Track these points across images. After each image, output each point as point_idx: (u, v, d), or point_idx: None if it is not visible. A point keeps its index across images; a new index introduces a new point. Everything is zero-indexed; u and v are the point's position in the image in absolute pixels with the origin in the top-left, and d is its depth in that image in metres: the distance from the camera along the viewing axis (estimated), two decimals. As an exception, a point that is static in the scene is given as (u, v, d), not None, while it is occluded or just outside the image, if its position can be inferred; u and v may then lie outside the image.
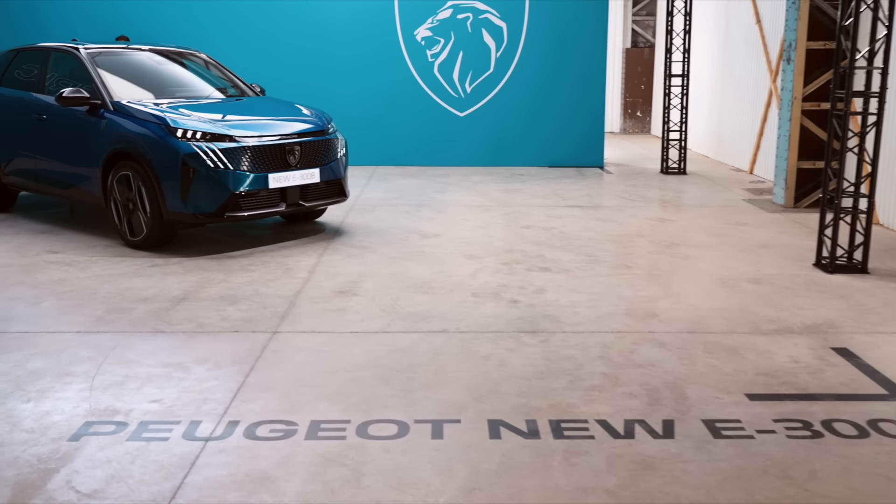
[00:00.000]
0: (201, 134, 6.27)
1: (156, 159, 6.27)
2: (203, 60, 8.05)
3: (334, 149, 7.01)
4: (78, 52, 7.19)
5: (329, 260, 6.30)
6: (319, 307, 5.13)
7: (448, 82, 11.36)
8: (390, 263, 6.20)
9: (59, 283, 5.62)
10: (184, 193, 6.20)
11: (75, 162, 6.99)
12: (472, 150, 11.52)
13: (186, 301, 5.22)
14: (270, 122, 6.73)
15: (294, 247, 6.72)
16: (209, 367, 4.14)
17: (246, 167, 6.31)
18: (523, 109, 11.42)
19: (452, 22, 11.16)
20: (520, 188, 9.73)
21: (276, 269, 6.03)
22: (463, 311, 5.06)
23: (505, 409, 3.67)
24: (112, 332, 4.65)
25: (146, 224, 6.43)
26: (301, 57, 11.18)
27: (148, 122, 6.39)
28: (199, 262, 6.18)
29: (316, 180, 6.75)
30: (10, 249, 6.54)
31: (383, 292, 5.45)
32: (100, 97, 6.75)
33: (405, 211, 8.28)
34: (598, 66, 11.36)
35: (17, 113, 7.51)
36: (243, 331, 4.69)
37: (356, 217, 7.95)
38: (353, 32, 11.20)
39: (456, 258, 6.38)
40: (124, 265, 6.09)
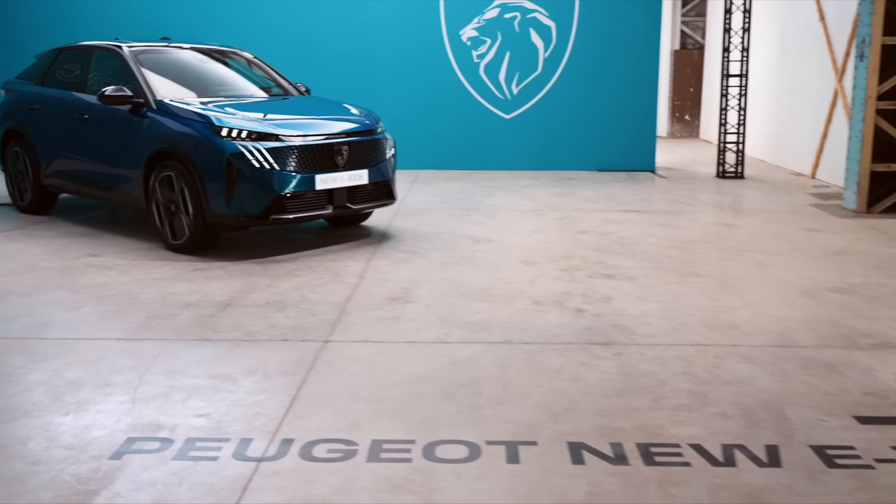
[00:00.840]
0: (247, 133, 6.00)
1: (199, 159, 6.01)
2: (246, 59, 7.81)
3: (383, 149, 6.70)
4: (121, 50, 6.98)
5: (378, 265, 5.99)
6: (372, 315, 4.81)
7: (494, 84, 11.03)
8: (443, 269, 5.87)
9: (98, 287, 5.37)
10: (228, 195, 5.93)
11: (117, 162, 6.77)
12: (519, 153, 11.17)
13: (231, 307, 4.94)
14: (317, 121, 6.45)
15: (340, 251, 6.42)
16: (258, 379, 3.83)
17: (292, 167, 6.03)
18: (572, 111, 11.05)
19: (499, 21, 10.83)
20: (570, 192, 9.36)
21: (323, 274, 5.73)
22: (526, 321, 4.71)
23: (585, 429, 3.31)
24: (154, 339, 4.38)
25: (189, 226, 6.18)
26: (344, 58, 10.93)
27: (192, 120, 6.14)
28: (243, 267, 5.90)
29: (364, 182, 6.45)
30: (50, 252, 6.33)
31: (438, 299, 5.12)
32: (143, 96, 6.52)
33: (453, 215, 7.95)
34: (650, 67, 10.96)
35: (59, 113, 7.32)
36: (292, 339, 4.39)
37: (403, 221, 7.64)
38: (397, 33, 10.93)
39: (512, 264, 6.03)
40: (166, 269, 5.83)
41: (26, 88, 7.82)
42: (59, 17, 10.97)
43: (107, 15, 10.96)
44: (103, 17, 10.92)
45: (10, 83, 8.18)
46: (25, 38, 10.64)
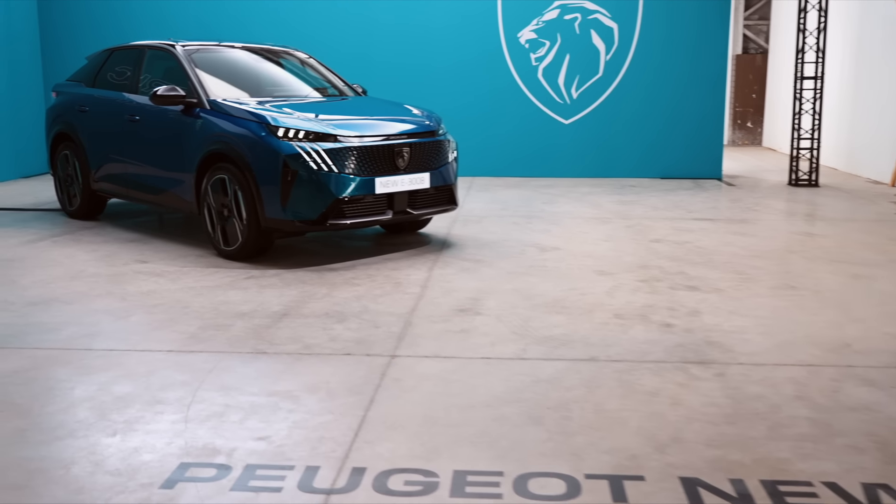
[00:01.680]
0: (304, 133, 5.68)
1: (254, 161, 5.70)
2: (300, 59, 7.51)
3: (445, 152, 6.34)
4: (174, 48, 6.73)
5: (441, 274, 5.61)
6: (439, 327, 4.43)
7: (553, 88, 10.61)
8: (511, 279, 5.47)
9: (148, 295, 5.08)
10: (284, 198, 5.61)
11: (168, 165, 6.50)
12: (578, 159, 10.72)
13: (288, 317, 4.60)
14: (377, 121, 6.10)
15: (400, 259, 6.06)
16: (322, 398, 3.47)
17: (351, 170, 5.69)
18: (634, 116, 10.58)
19: (559, 23, 10.43)
20: (635, 200, 8.90)
21: (383, 283, 5.37)
22: (609, 336, 4.28)
23: (697, 462, 2.88)
24: (207, 351, 4.04)
25: (242, 232, 5.87)
26: (398, 61, 10.61)
27: (246, 120, 5.84)
28: (299, 275, 5.57)
29: (425, 186, 6.09)
30: (99, 258, 6.07)
31: (510, 311, 4.72)
32: (196, 95, 6.25)
33: (514, 223, 7.55)
34: (718, 70, 10.44)
35: (109, 115, 7.10)
36: (356, 353, 4.02)
37: (462, 228, 7.25)
38: (454, 35, 10.58)
39: (585, 274, 5.60)
40: (218, 276, 5.52)
41: (77, 90, 7.63)
42: (113, 18, 10.84)
43: (160, 15, 10.80)
44: (156, 18, 10.76)
45: (60, 85, 8.01)
46: (79, 40, 10.51)
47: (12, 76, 10.52)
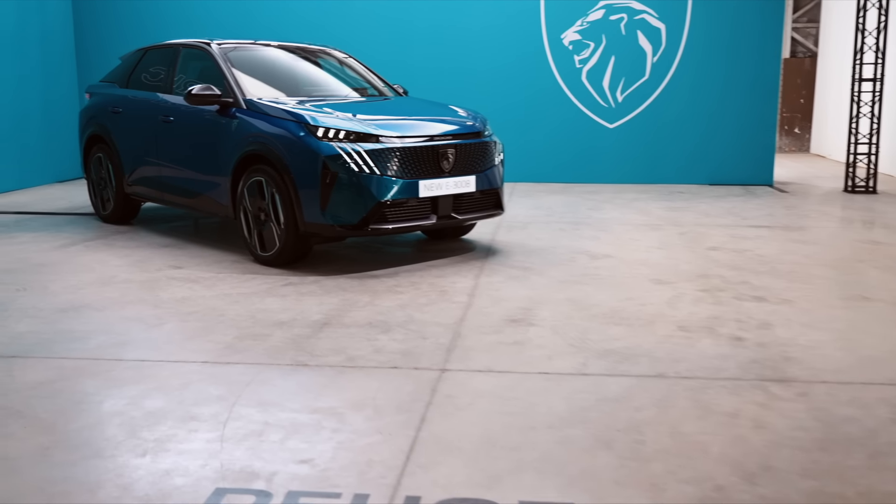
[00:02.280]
0: (345, 133, 5.43)
1: (292, 162, 5.46)
2: (338, 58, 7.27)
3: (491, 154, 6.04)
4: (209, 47, 6.52)
5: (488, 282, 5.31)
6: (491, 339, 4.13)
7: (597, 91, 10.28)
8: (563, 288, 5.15)
9: (182, 302, 4.84)
10: (323, 202, 5.35)
11: (203, 168, 6.29)
12: (623, 165, 10.36)
13: (329, 327, 4.32)
14: (420, 122, 5.82)
15: (444, 266, 5.77)
16: (368, 415, 3.18)
17: (394, 172, 5.42)
18: (682, 120, 10.21)
19: (604, 24, 10.10)
20: (685, 206, 8.53)
21: (428, 291, 5.08)
22: (676, 350, 3.95)
23: (795, 496, 2.54)
24: (245, 363, 3.78)
25: (279, 237, 5.62)
26: (436, 63, 10.35)
27: (284, 120, 5.60)
28: (339, 282, 5.30)
29: (471, 189, 5.80)
30: (132, 264, 5.86)
31: (565, 322, 4.41)
32: (232, 95, 6.03)
33: (561, 229, 7.23)
34: (770, 73, 10.03)
35: (143, 116, 6.91)
36: (403, 367, 3.73)
37: (507, 235, 6.95)
38: (494, 37, 10.29)
39: (641, 283, 5.27)
40: (255, 283, 5.28)
41: (110, 91, 7.46)
42: (147, 19, 10.71)
43: (195, 15, 10.66)
44: (192, 18, 10.61)
45: (94, 86, 7.85)
46: (114, 41, 10.39)
47: (47, 78, 10.43)
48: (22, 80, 9.91)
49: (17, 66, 9.80)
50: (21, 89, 9.90)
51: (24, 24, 9.95)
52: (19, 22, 9.84)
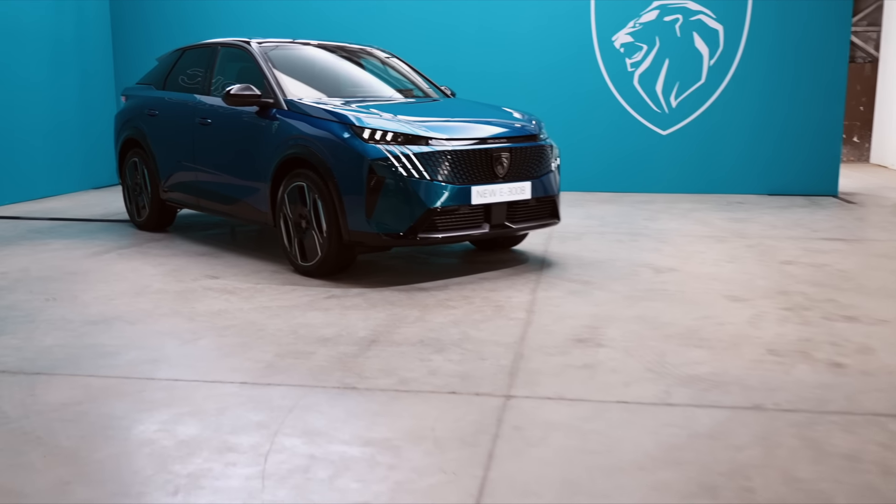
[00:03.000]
0: (392, 135, 5.06)
1: (336, 166, 5.10)
2: (381, 58, 6.92)
3: (547, 159, 5.64)
4: (249, 46, 6.21)
5: (547, 297, 4.89)
6: (558, 361, 3.71)
7: (650, 95, 9.82)
8: (630, 304, 4.72)
9: (219, 315, 4.49)
10: (369, 208, 4.99)
11: (241, 172, 5.96)
12: (677, 173, 9.88)
13: (378, 345, 3.94)
14: (472, 124, 5.44)
15: (496, 279, 5.37)
16: (428, 450, 2.79)
17: (444, 177, 5.03)
18: (740, 127, 9.70)
19: (658, 25, 9.65)
20: (747, 217, 8.03)
21: (482, 306, 4.68)
22: (769, 377, 3.50)
23: (953, 565, 2.10)
24: (287, 385, 3.41)
25: (321, 246, 5.26)
26: (481, 65, 9.97)
27: (328, 121, 5.26)
28: (385, 295, 4.93)
29: (526, 196, 5.40)
30: (166, 273, 5.54)
31: (638, 343, 3.98)
32: (272, 95, 5.70)
33: (618, 240, 6.79)
34: (836, 78, 9.48)
35: (179, 119, 6.62)
36: (462, 392, 3.33)
37: (560, 246, 6.53)
38: (542, 39, 9.89)
39: (715, 300, 4.82)
40: (295, 295, 4.92)
41: (146, 93, 7.19)
42: (186, 21, 10.48)
43: (235, 16, 10.40)
44: (232, 19, 10.35)
45: (130, 89, 7.60)
46: (152, 43, 10.16)
47: (83, 82, 10.25)
48: (58, 84, 9.73)
49: (53, 69, 9.62)
50: (57, 93, 9.71)
51: (61, 26, 9.77)
52: (56, 24, 9.66)
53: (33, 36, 9.23)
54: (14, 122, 8.96)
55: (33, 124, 9.29)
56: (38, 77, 9.36)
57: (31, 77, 9.22)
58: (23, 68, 9.08)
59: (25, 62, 9.12)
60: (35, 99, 9.30)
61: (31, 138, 9.26)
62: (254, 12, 10.42)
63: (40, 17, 9.34)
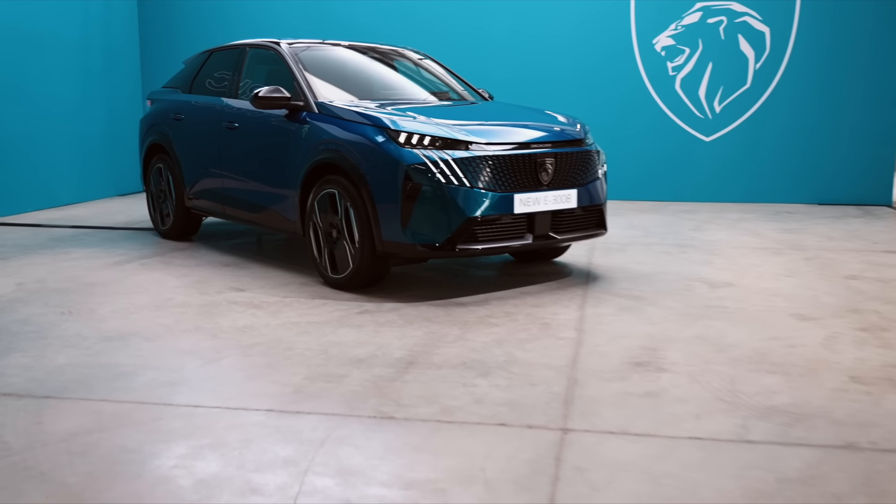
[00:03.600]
0: (430, 139, 4.73)
1: (370, 172, 4.78)
2: (414, 59, 6.60)
3: (594, 165, 5.28)
4: (279, 46, 5.92)
5: (596, 314, 4.53)
6: (616, 388, 3.35)
7: (692, 100, 9.41)
8: (688, 322, 4.34)
9: (244, 331, 4.18)
10: (404, 217, 4.66)
11: (269, 179, 5.67)
12: (721, 181, 9.46)
13: (416, 367, 3.60)
14: (514, 127, 5.09)
15: (540, 294, 5.01)
16: (479, 495, 2.44)
17: (485, 184, 4.69)
18: (787, 133, 9.26)
19: (701, 27, 9.25)
20: (799, 227, 7.60)
21: (527, 323, 4.33)
22: (858, 410, 3.11)
23: None
24: (317, 413, 3.08)
25: (353, 257, 4.94)
26: (515, 69, 9.63)
27: (361, 125, 4.94)
28: (422, 310, 4.59)
29: (572, 205, 5.04)
30: (190, 285, 5.25)
31: (703, 367, 3.60)
32: (302, 98, 5.40)
33: (665, 252, 6.40)
34: (890, 81, 8.98)
35: (206, 123, 6.35)
36: (513, 424, 2.98)
37: (604, 258, 6.16)
38: (580, 41, 9.53)
39: (781, 318, 4.42)
40: (326, 310, 4.60)
41: (172, 97, 6.93)
42: (216, 25, 10.25)
43: (266, 19, 10.15)
44: (263, 22, 10.08)
45: (156, 93, 7.34)
46: (181, 48, 9.94)
47: (110, 87, 10.05)
48: (85, 89, 9.53)
49: (80, 74, 9.43)
50: (84, 98, 9.52)
51: (89, 30, 9.58)
52: (83, 28, 9.47)
53: (60, 41, 9.03)
54: (38, 128, 8.76)
55: (58, 130, 9.09)
56: (64, 82, 9.16)
57: (56, 82, 9.02)
58: (48, 73, 8.89)
59: (51, 67, 8.93)
60: (60, 104, 9.10)
61: (55, 145, 9.06)
62: (282, 14, 10.17)
63: (67, 21, 9.14)
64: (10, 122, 8.36)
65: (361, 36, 9.36)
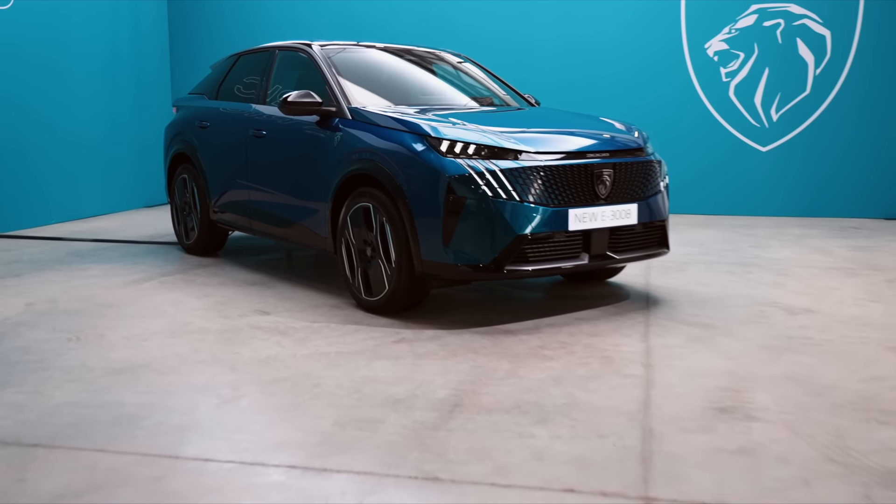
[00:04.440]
0: (475, 148, 4.25)
1: (408, 184, 4.31)
2: (453, 62, 6.13)
3: (655, 177, 4.77)
4: (310, 49, 5.49)
5: (663, 345, 4.00)
6: (702, 443, 2.82)
7: (747, 108, 8.84)
8: (772, 357, 3.80)
9: (266, 363, 3.72)
10: (447, 235, 4.17)
11: (297, 191, 5.23)
12: (779, 194, 8.87)
13: (462, 410, 3.11)
14: (567, 135, 4.59)
15: (596, 321, 4.50)
16: None
17: (537, 198, 4.20)
18: (851, 143, 8.65)
19: (756, 31, 8.68)
20: (871, 245, 7.00)
21: (586, 356, 3.82)
22: None
23: None
24: (348, 471, 2.60)
25: (389, 278, 4.47)
26: (559, 73, 9.15)
27: (398, 132, 4.48)
28: (465, 339, 4.10)
29: (632, 221, 4.53)
30: (210, 307, 4.81)
31: (801, 415, 3.06)
32: (335, 103, 4.96)
33: (728, 271, 5.85)
34: (962, 85, 8.39)
35: (232, 131, 5.93)
36: (582, 490, 2.47)
37: (663, 278, 5.63)
38: (627, 46, 9.02)
39: (879, 353, 3.86)
40: (358, 338, 4.12)
41: (198, 104, 6.54)
42: (247, 30, 9.88)
43: (297, 21, 9.77)
44: (295, 25, 9.69)
45: (181, 100, 6.96)
46: (211, 55, 9.59)
47: (139, 94, 9.74)
48: (111, 97, 9.23)
49: (106, 81, 9.12)
50: (110, 106, 9.21)
51: (117, 34, 9.26)
52: (112, 32, 9.15)
53: (87, 45, 8.72)
54: (63, 137, 8.44)
55: (83, 139, 8.77)
56: (90, 89, 8.85)
57: (81, 89, 8.71)
58: (73, 81, 8.57)
59: (76, 75, 8.61)
60: (86, 112, 8.79)
61: (80, 154, 8.73)
62: (317, 19, 9.79)
63: (93, 26, 8.84)
64: (35, 130, 8.04)
65: (397, 40, 8.92)
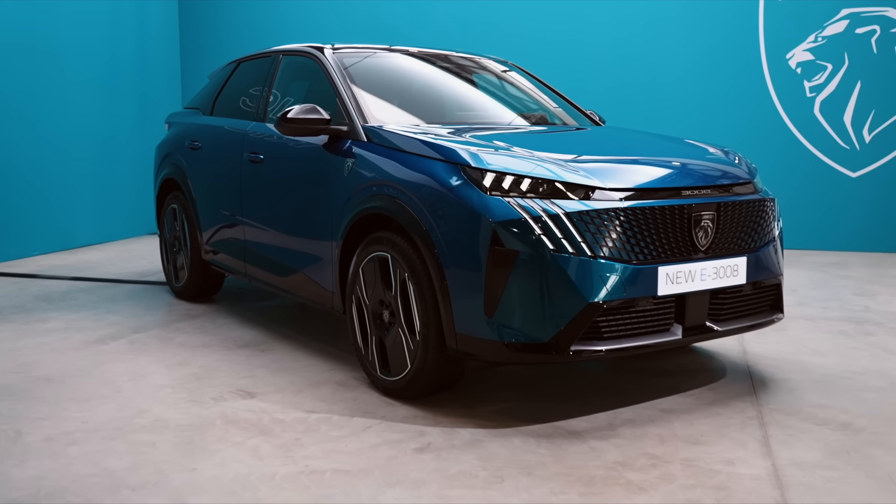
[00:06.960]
0: (530, 182, 3.12)
1: (438, 230, 3.19)
2: (496, 70, 5.01)
3: (769, 220, 3.60)
4: (321, 54, 4.40)
5: (797, 462, 2.83)
6: None
7: (835, 127, 7.65)
8: (963, 491, 2.61)
9: (230, 491, 2.60)
10: (490, 301, 3.04)
11: (299, 231, 4.14)
12: (872, 226, 7.66)
13: None
14: (650, 166, 3.45)
15: (689, 413, 3.33)
16: None
17: (615, 251, 3.05)
18: (959, 168, 7.42)
19: (847, 39, 7.50)
20: None
21: (690, 483, 2.66)
22: None
23: None
24: None
25: (412, 353, 3.34)
26: (618, 87, 8.08)
27: (427, 159, 3.37)
28: (514, 446, 2.96)
29: (740, 280, 3.37)
30: (180, 383, 3.72)
31: None
32: (347, 120, 3.88)
33: (840, 331, 4.66)
34: None
35: (226, 154, 4.88)
36: None
37: (761, 341, 4.45)
38: (696, 56, 7.92)
39: None
40: (367, 442, 3.00)
41: (191, 120, 5.50)
42: (264, 33, 8.89)
43: (315, 26, 8.77)
44: (312, 30, 8.71)
45: (174, 115, 5.95)
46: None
47: (142, 111, 8.81)
48: (111, 108, 8.30)
49: (106, 90, 8.19)
50: (109, 119, 8.27)
51: (118, 36, 8.32)
52: (112, 34, 8.21)
53: (80, 47, 7.78)
54: (51, 154, 7.48)
55: (75, 156, 7.82)
56: (84, 98, 7.90)
57: (73, 98, 7.76)
58: (65, 88, 7.62)
59: (69, 80, 7.67)
60: (78, 125, 7.84)
61: (71, 173, 7.78)
62: (346, 20, 8.81)
63: (90, 24, 7.90)
64: (17, 145, 7.08)
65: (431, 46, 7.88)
